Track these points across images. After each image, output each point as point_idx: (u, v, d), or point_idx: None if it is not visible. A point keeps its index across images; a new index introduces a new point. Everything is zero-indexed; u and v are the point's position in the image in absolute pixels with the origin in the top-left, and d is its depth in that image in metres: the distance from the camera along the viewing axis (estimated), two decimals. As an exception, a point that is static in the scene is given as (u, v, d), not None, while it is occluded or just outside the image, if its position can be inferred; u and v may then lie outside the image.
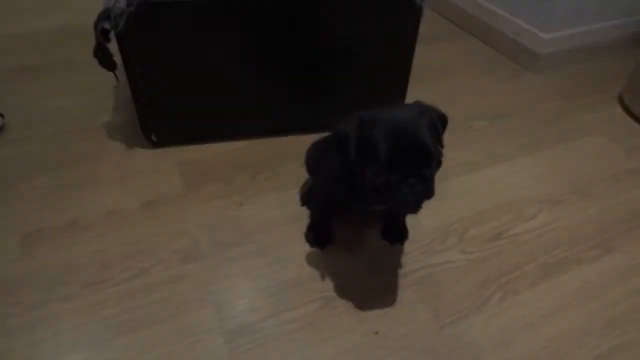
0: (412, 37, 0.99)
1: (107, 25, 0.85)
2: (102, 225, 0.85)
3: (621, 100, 1.22)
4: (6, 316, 0.70)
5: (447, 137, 0.76)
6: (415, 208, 0.71)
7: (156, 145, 1.03)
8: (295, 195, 0.93)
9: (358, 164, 0.61)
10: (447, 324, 0.72)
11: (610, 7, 1.36)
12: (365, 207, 0.77)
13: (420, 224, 0.88)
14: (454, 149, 1.06)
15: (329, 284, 0.77)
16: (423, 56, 1.03)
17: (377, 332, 0.71)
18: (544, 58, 1.33)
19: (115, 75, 0.95)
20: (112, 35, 0.87)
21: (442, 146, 0.63)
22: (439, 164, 0.61)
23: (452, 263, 0.82)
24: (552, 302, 0.76)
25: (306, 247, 0.83)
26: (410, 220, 0.87)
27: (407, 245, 0.84)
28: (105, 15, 0.86)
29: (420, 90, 1.22)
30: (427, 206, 0.82)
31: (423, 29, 0.98)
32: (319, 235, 0.84)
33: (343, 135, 0.62)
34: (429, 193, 0.60)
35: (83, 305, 0.72)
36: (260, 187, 0.95)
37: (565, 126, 1.14)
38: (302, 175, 0.97)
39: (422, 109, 0.62)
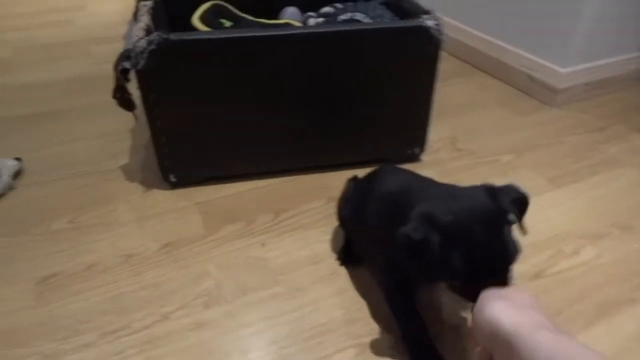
0: (432, 71, 0.98)
1: (127, 65, 0.85)
2: (119, 269, 0.81)
3: (647, 131, 1.20)
4: (18, 370, 0.65)
5: (473, 173, 0.73)
6: None
7: (175, 185, 1.00)
8: (321, 235, 0.88)
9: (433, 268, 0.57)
10: (497, 370, 0.66)
11: (625, 41, 1.36)
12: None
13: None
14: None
15: (363, 329, 0.71)
16: (440, 93, 1.02)
17: (420, 382, 0.65)
18: (562, 92, 1.32)
19: (134, 115, 0.94)
20: (131, 75, 0.86)
21: (524, 232, 0.60)
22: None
23: (494, 303, 0.76)
24: (612, 346, 0.69)
25: (336, 288, 0.78)
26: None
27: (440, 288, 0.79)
28: (125, 55, 0.85)
29: (439, 126, 1.20)
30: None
31: (437, 67, 0.98)
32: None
33: (419, 241, 0.55)
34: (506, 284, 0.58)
35: (100, 355, 0.67)
36: (284, 227, 0.90)
37: (594, 158, 1.10)
38: (328, 213, 0.93)
39: (493, 193, 0.59)
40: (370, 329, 0.71)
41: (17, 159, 1.04)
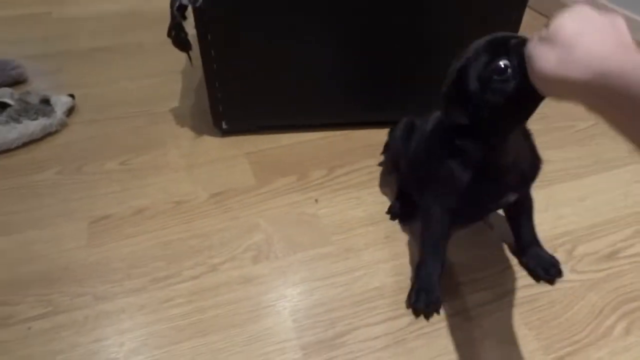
0: (517, 21, 0.87)
1: (185, 1, 0.80)
2: (169, 216, 0.80)
3: None
4: (74, 308, 0.66)
5: (544, 140, 0.67)
6: None
7: (226, 133, 0.97)
8: (377, 195, 0.84)
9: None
10: (562, 356, 0.61)
11: None
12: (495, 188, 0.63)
13: (521, 235, 0.76)
14: (554, 151, 0.93)
15: (418, 298, 0.68)
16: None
17: (476, 360, 0.61)
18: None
19: (189, 56, 0.89)
20: (189, 13, 0.81)
21: None
22: None
23: (561, 283, 0.70)
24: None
25: (391, 253, 0.74)
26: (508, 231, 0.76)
27: (506, 260, 0.74)
28: (183, -10, 0.80)
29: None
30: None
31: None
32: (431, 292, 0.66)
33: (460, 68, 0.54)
34: None
35: (151, 301, 0.66)
36: (338, 184, 0.86)
37: (687, 131, 0.98)
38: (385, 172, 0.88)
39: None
40: (425, 299, 0.68)
41: (71, 95, 1.03)
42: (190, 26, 0.82)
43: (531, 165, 0.64)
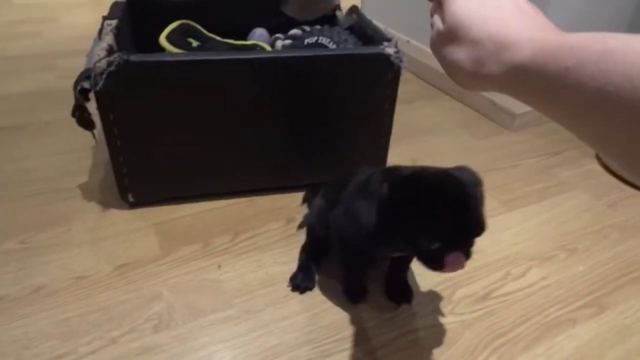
0: (392, 96, 1.00)
1: (86, 85, 0.85)
2: (69, 292, 0.80)
3: (598, 157, 1.25)
4: (-48, 399, 0.63)
5: None
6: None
7: (133, 205, 0.99)
8: (278, 256, 0.89)
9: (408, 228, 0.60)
10: (441, 394, 0.67)
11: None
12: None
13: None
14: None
15: (313, 352, 0.72)
16: (404, 116, 1.05)
17: (365, 406, 0.66)
18: (519, 116, 1.37)
19: (93, 135, 0.93)
20: (91, 94, 0.86)
21: None
22: None
23: (442, 326, 0.78)
24: (550, 367, 0.72)
25: (289, 311, 0.78)
26: (397, 280, 0.83)
27: (393, 308, 0.81)
28: (85, 74, 0.85)
29: (401, 148, 1.23)
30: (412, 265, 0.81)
31: (401, 89, 1.00)
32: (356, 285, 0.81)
33: (398, 198, 0.60)
34: (468, 257, 0.61)
35: (41, 383, 0.65)
36: (241, 249, 0.91)
37: (547, 182, 1.14)
38: (286, 235, 0.94)
39: (469, 176, 0.64)
40: (321, 351, 0.72)
41: (-30, 176, 1.02)
42: (94, 106, 0.87)
43: None
